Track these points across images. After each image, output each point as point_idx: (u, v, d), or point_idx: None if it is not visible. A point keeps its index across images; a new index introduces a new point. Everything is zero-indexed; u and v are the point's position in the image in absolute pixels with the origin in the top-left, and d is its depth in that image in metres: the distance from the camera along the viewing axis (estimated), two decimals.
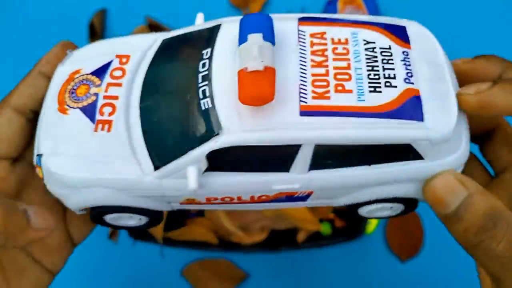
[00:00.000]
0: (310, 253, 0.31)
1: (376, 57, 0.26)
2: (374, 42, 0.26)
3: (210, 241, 0.51)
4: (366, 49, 0.26)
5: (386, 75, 0.25)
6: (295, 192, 0.27)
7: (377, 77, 0.25)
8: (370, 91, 0.25)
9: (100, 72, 0.28)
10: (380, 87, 0.25)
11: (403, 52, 0.26)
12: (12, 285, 0.29)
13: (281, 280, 0.53)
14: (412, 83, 0.25)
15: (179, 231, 0.51)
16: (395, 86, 0.25)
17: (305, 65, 0.25)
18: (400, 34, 0.27)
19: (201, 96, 0.25)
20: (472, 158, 0.30)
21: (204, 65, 0.26)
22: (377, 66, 0.26)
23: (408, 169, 0.25)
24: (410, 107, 0.24)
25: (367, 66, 0.26)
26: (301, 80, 0.25)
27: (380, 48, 0.26)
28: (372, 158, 0.25)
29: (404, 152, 0.25)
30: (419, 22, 0.28)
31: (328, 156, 0.25)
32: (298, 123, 0.24)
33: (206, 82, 0.25)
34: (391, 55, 0.26)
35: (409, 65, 0.26)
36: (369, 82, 0.25)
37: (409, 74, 0.25)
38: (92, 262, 0.55)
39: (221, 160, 0.25)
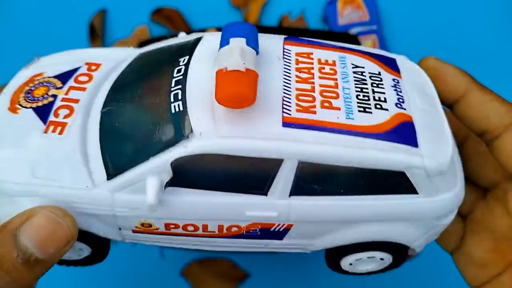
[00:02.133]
0: (310, 253, 0.31)
1: (365, 80, 0.24)
2: (363, 67, 0.24)
3: None
4: (354, 72, 0.24)
5: (376, 98, 0.23)
6: (272, 224, 0.23)
7: (366, 98, 0.23)
8: (359, 111, 0.22)
9: (64, 76, 0.26)
10: (370, 108, 0.23)
11: (393, 79, 0.24)
12: None
13: (281, 280, 0.53)
14: (404, 109, 0.23)
15: None
16: (386, 109, 0.23)
17: (289, 80, 0.23)
18: (389, 63, 0.25)
19: (172, 100, 0.22)
20: None
21: (179, 70, 0.23)
22: (367, 88, 0.23)
23: (400, 204, 0.23)
24: (403, 132, 0.22)
25: (356, 87, 0.23)
26: (285, 93, 0.22)
27: (370, 73, 0.24)
28: (361, 187, 0.22)
29: (397, 182, 0.22)
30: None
31: (313, 179, 0.22)
32: (281, 134, 0.21)
33: (180, 86, 0.23)
34: (381, 80, 0.24)
35: (400, 91, 0.24)
36: (358, 102, 0.23)
37: (401, 100, 0.23)
38: None
39: (188, 174, 0.22)
